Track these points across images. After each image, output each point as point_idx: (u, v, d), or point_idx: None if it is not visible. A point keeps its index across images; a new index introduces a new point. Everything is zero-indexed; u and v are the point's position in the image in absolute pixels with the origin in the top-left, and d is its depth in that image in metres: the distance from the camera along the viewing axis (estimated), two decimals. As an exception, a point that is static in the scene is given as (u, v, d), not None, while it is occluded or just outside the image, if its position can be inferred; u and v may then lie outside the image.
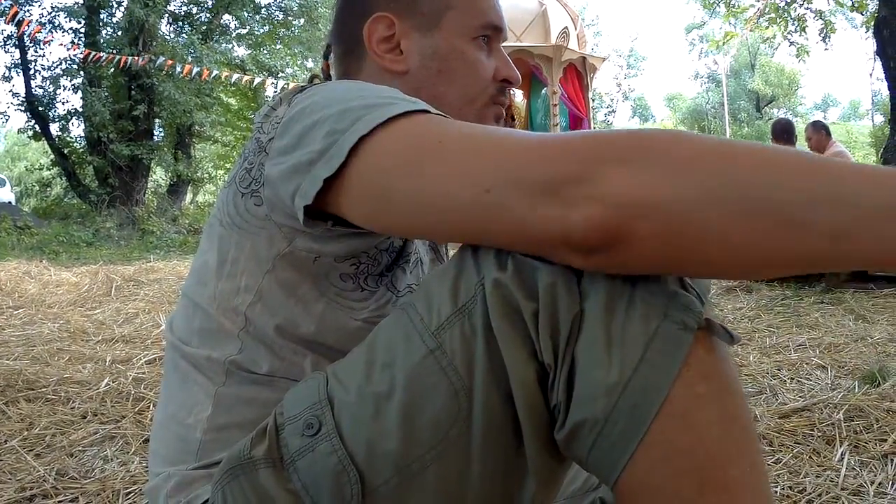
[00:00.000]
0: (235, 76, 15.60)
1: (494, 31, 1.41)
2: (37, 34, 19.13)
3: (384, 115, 0.99)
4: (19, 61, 21.09)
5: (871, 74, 37.71)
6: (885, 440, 2.51)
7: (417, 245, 1.40)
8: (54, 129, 21.01)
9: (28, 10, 20.05)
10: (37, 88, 21.08)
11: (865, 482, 2.21)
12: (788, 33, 16.02)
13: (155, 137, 21.18)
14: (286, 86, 15.27)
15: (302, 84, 1.26)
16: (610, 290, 0.91)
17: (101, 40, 19.48)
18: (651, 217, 0.82)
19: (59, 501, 2.28)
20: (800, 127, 10.70)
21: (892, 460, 2.36)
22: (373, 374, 1.02)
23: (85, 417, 3.10)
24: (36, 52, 20.87)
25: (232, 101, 25.30)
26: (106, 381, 3.57)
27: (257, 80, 15.65)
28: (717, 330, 0.92)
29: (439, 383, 0.97)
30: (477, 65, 1.38)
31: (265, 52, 23.44)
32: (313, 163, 1.02)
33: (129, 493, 2.33)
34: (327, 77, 1.51)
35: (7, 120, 22.73)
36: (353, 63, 1.41)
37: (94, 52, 16.45)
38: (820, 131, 8.79)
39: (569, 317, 0.92)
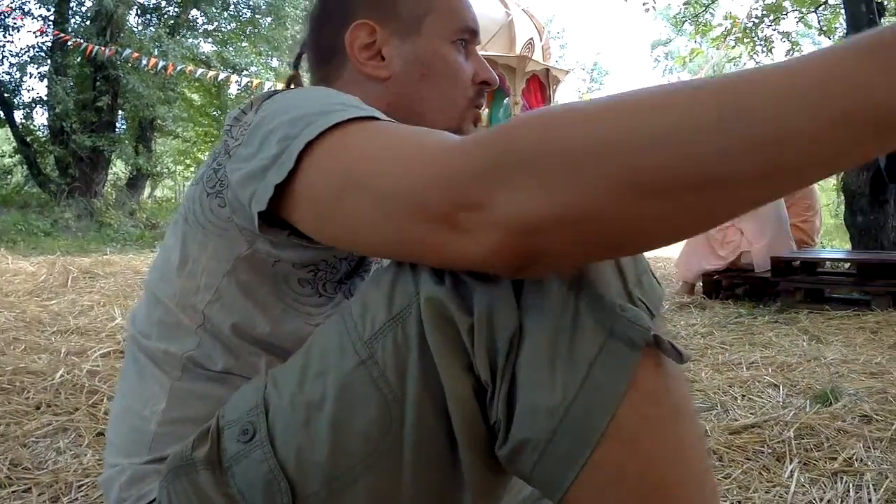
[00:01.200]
0: (200, 71, 15.51)
1: (471, 35, 1.44)
2: (6, 13, 18.98)
3: (330, 121, 0.97)
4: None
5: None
6: (836, 458, 2.56)
7: None
8: (18, 116, 20.77)
9: (-3, -5, 19.83)
10: (3, 74, 20.86)
11: (815, 499, 2.25)
12: (755, 53, 16.19)
13: (117, 129, 21.00)
14: (250, 83, 15.23)
15: (273, 90, 1.25)
16: (551, 304, 0.89)
17: (70, 29, 19.27)
18: (554, 231, 0.78)
19: (13, 492, 2.27)
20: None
21: (841, 479, 2.40)
22: (305, 381, 1.01)
23: (39, 408, 3.09)
24: (4, 37, 20.63)
25: (195, 96, 25.13)
26: (60, 372, 3.55)
27: (222, 76, 15.56)
28: (666, 348, 0.89)
29: (370, 394, 0.96)
30: (457, 68, 1.39)
31: (231, 49, 23.32)
32: (267, 169, 1.01)
33: (82, 485, 2.33)
34: (288, 85, 1.50)
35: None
36: (332, 71, 1.41)
37: (62, 35, 16.34)
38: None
39: (507, 334, 0.90)
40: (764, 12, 14.55)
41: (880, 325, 5.38)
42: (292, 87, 1.44)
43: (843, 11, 10.95)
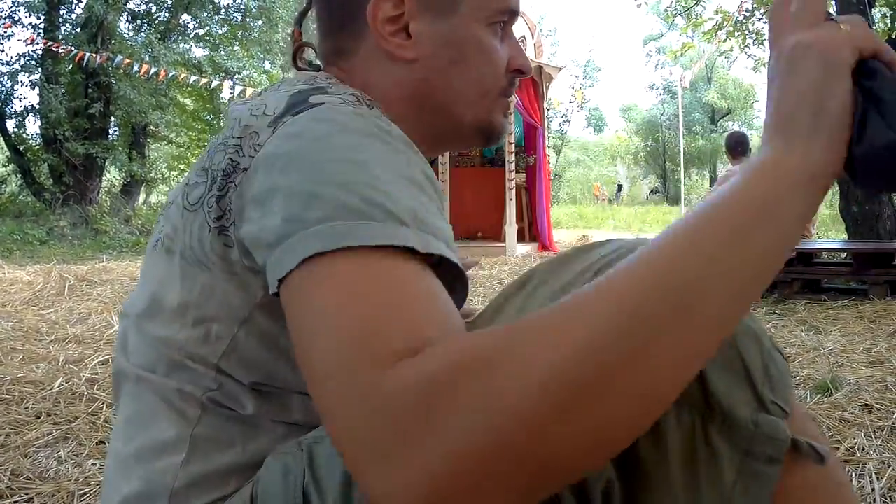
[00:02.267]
0: (193, 79, 15.48)
1: (511, 16, 1.24)
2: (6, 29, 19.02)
3: (344, 240, 0.80)
4: (-24, 56, 20.85)
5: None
6: (838, 448, 2.56)
7: None
8: (10, 125, 20.75)
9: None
10: (-6, 84, 20.83)
11: (816, 491, 2.25)
12: (746, 46, 16.19)
13: (110, 136, 20.97)
14: (244, 90, 15.18)
15: (293, 86, 1.06)
16: (675, 436, 0.82)
17: (60, 36, 19.23)
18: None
19: (15, 502, 2.26)
20: (755, 140, 10.83)
21: (844, 468, 2.41)
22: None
23: (39, 418, 3.08)
24: (-6, 47, 20.62)
25: (188, 101, 25.12)
26: (59, 381, 3.55)
27: (214, 83, 15.52)
28: (806, 451, 0.83)
29: None
30: (493, 54, 1.21)
31: (223, 53, 23.30)
32: (271, 247, 0.86)
33: (84, 494, 2.32)
34: (297, 49, 1.30)
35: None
36: (347, 41, 1.20)
37: (52, 43, 16.32)
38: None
39: (598, 487, 0.82)
40: (755, 5, 14.54)
41: (878, 314, 5.40)
42: (298, 59, 1.30)
43: (833, 3, 10.95)
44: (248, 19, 23.38)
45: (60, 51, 16.03)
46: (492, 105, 1.23)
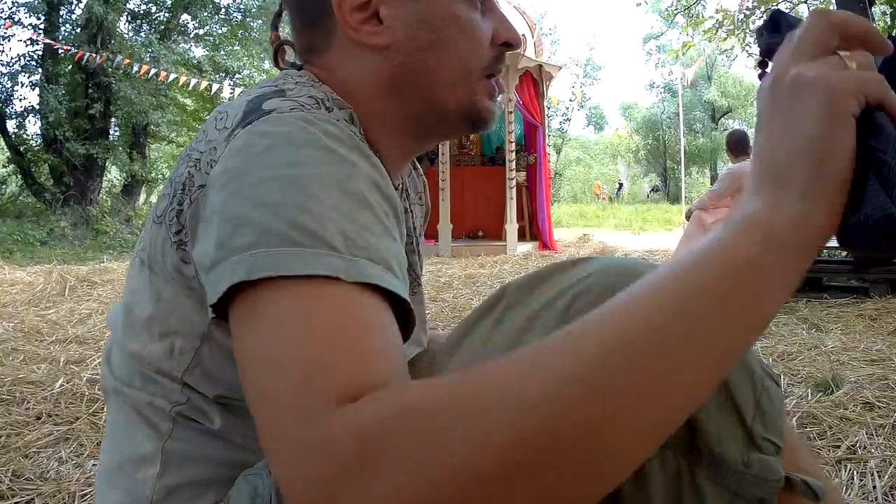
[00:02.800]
0: (194, 82, 15.48)
1: None
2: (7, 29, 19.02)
3: (273, 269, 0.77)
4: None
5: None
6: (839, 447, 2.56)
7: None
8: (11, 125, 20.76)
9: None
10: (-6, 84, 20.84)
11: (818, 489, 2.25)
12: (747, 44, 16.19)
13: (110, 137, 20.97)
14: (243, 90, 15.17)
15: (253, 94, 1.02)
16: (659, 482, 0.77)
17: (60, 37, 19.24)
18: None
19: (16, 503, 2.27)
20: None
21: (845, 466, 2.41)
22: None
23: (39, 418, 3.08)
24: (-6, 48, 20.64)
25: (188, 101, 25.10)
26: (60, 381, 3.55)
27: (215, 86, 15.51)
28: (800, 488, 0.79)
29: None
30: (474, 29, 1.12)
31: (223, 53, 23.31)
32: (206, 271, 0.85)
33: (85, 495, 2.32)
34: (276, 50, 1.24)
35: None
36: (319, 37, 1.14)
37: (54, 41, 16.31)
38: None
39: None
40: (755, 3, 14.54)
41: (879, 313, 5.40)
42: (279, 60, 1.23)
43: (833, 1, 10.94)
44: (248, 19, 23.38)
45: (60, 50, 16.02)
46: (474, 87, 1.14)
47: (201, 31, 23.44)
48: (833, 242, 0.72)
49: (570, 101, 43.05)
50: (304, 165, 0.86)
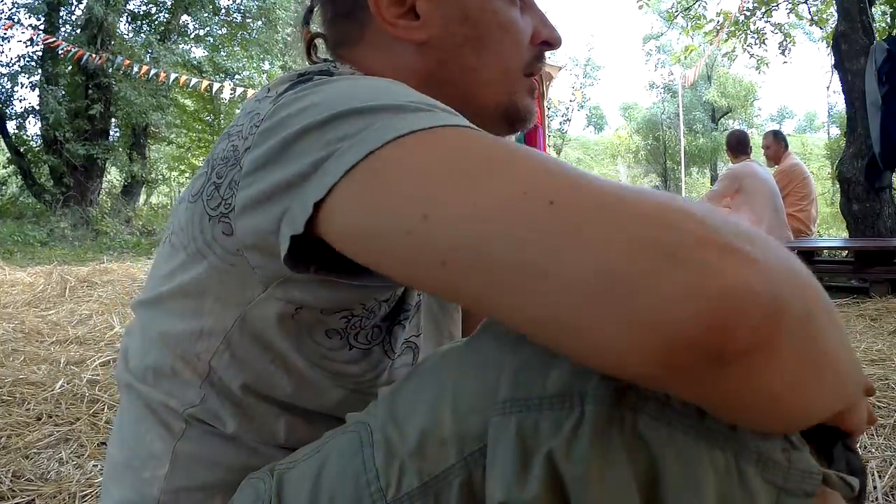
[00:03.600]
0: (194, 81, 15.48)
1: None
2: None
3: (403, 127, 0.74)
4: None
5: (828, 87, 38.21)
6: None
7: None
8: (11, 126, 20.78)
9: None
10: (-6, 85, 20.87)
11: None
12: (748, 45, 16.20)
13: (110, 137, 20.98)
14: (245, 91, 15.16)
15: (296, 72, 1.00)
16: (707, 473, 0.70)
17: (60, 37, 19.26)
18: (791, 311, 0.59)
19: (16, 503, 2.27)
20: (755, 139, 10.82)
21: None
22: None
23: (40, 419, 3.08)
24: (-7, 48, 20.67)
25: (188, 101, 25.11)
26: (60, 382, 3.54)
27: (216, 86, 15.51)
28: (836, 484, 0.76)
29: None
30: (514, 27, 1.10)
31: (223, 54, 23.33)
32: (307, 177, 0.78)
33: (86, 495, 2.32)
34: (308, 47, 1.21)
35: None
36: (352, 30, 1.12)
37: (54, 39, 16.30)
38: (779, 142, 8.88)
39: None
40: (755, 4, 14.54)
41: (879, 312, 5.39)
42: (312, 51, 1.21)
43: (834, 1, 10.94)
44: (247, 20, 23.39)
45: (60, 50, 16.03)
46: (515, 85, 1.12)
47: (201, 32, 23.46)
48: (833, 242, 0.71)
49: (571, 101, 43.02)
50: (380, 81, 0.87)
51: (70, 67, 19.22)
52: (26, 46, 20.14)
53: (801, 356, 0.61)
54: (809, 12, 14.93)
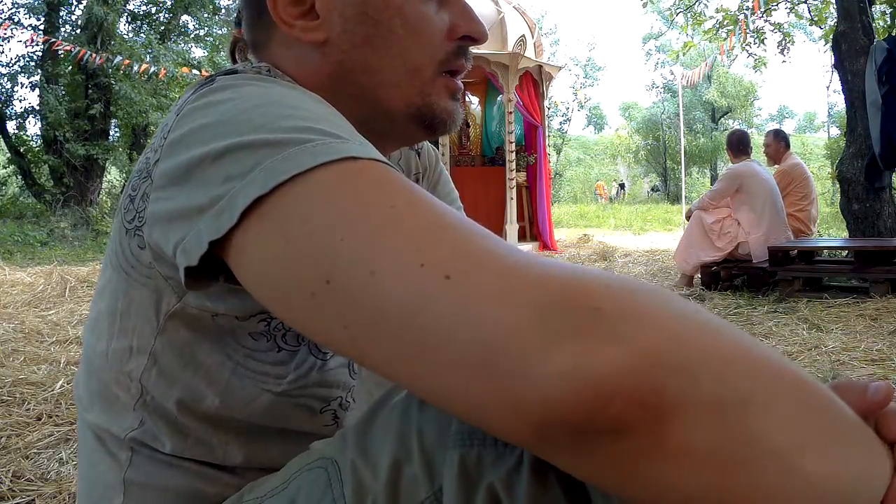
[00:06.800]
0: (194, 72, 15.45)
1: None
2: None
3: (295, 167, 0.71)
4: (-25, 58, 20.87)
5: (828, 87, 38.24)
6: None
7: None
8: (11, 126, 20.78)
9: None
10: (-6, 85, 20.87)
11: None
12: (747, 45, 16.20)
13: (110, 137, 20.98)
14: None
15: (210, 79, 0.94)
16: None
17: (60, 37, 19.26)
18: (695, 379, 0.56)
19: (17, 503, 2.27)
20: (755, 138, 10.82)
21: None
22: None
23: (40, 419, 3.09)
24: (-7, 49, 20.66)
25: (188, 101, 25.16)
26: (61, 382, 3.55)
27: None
28: None
29: None
30: (421, 23, 1.03)
31: (223, 53, 23.33)
32: (202, 211, 0.75)
33: (86, 495, 2.33)
34: (233, 49, 1.18)
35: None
36: (262, 32, 1.07)
37: (54, 39, 16.29)
38: (780, 141, 8.88)
39: None
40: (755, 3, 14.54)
41: (879, 312, 5.39)
42: (237, 55, 1.17)
43: (833, 0, 10.94)
44: (248, 20, 23.40)
45: (60, 50, 16.02)
46: (427, 85, 1.05)
47: (201, 32, 23.47)
48: (833, 242, 0.70)
49: (572, 101, 43.08)
50: (276, 95, 0.83)
51: (70, 67, 19.20)
52: (26, 46, 20.12)
53: (723, 450, 0.56)
54: (809, 12, 14.93)
